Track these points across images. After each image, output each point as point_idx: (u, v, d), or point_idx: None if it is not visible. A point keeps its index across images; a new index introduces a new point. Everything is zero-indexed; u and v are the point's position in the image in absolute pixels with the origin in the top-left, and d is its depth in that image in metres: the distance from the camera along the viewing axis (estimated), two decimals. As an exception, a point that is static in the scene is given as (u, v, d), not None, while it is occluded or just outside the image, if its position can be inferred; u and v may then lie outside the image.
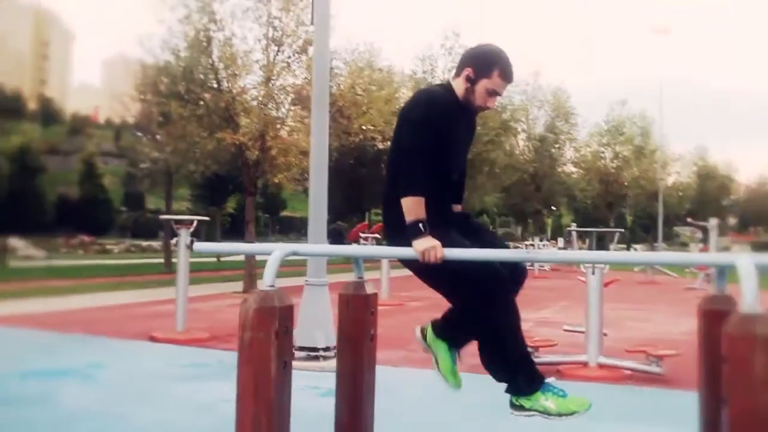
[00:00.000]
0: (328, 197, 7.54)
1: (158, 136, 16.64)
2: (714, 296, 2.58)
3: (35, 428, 4.82)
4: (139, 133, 21.57)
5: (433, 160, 2.78)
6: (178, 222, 8.90)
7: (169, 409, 5.44)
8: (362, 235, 13.46)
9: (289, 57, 15.20)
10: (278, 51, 14.95)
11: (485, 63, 2.80)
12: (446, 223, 2.82)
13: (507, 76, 2.83)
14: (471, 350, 3.16)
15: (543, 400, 2.77)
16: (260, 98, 14.51)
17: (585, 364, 7.05)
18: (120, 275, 19.64)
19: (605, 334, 7.29)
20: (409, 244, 2.67)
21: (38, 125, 77.55)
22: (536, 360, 7.07)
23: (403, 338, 9.30)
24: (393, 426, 2.93)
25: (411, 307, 13.49)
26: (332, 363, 5.82)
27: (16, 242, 32.29)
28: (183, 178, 21.22)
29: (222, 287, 15.64)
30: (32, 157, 46.67)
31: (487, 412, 5.81)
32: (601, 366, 7.00)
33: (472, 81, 2.80)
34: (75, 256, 31.42)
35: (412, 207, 2.68)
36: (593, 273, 7.19)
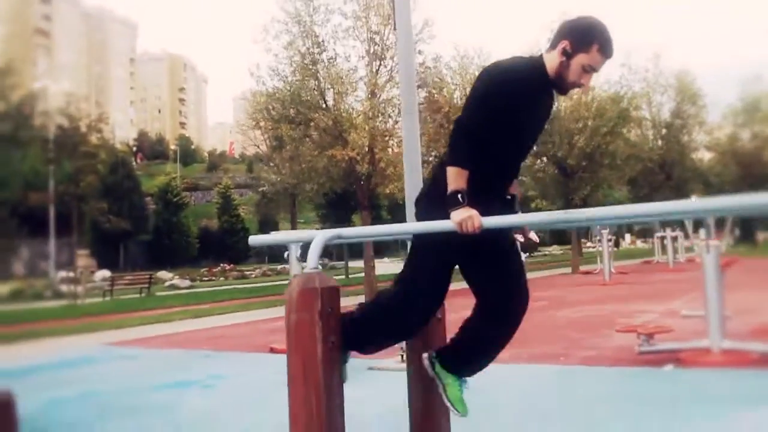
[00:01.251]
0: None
1: (274, 159, 17.35)
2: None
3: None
4: (270, 164, 22.59)
5: (488, 137, 2.68)
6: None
7: (278, 412, 5.65)
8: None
9: (392, 69, 15.43)
10: (380, 65, 15.23)
11: (584, 36, 2.61)
12: (485, 204, 2.71)
13: (607, 52, 2.62)
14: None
15: (452, 379, 2.93)
16: (366, 113, 14.81)
17: (707, 350, 6.61)
18: (253, 296, 20.58)
19: (728, 317, 6.80)
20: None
21: (179, 164, 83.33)
22: (651, 348, 6.76)
23: (516, 337, 9.17)
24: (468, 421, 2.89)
25: (532, 307, 13.15)
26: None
27: (163, 274, 34.73)
28: (306, 200, 21.97)
29: (346, 301, 16.00)
30: (174, 194, 50.11)
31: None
32: (725, 351, 6.52)
33: (568, 55, 2.62)
34: (216, 282, 33.23)
35: (454, 177, 2.62)
36: (708, 252, 6.76)
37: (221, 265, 43.13)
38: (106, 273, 34.70)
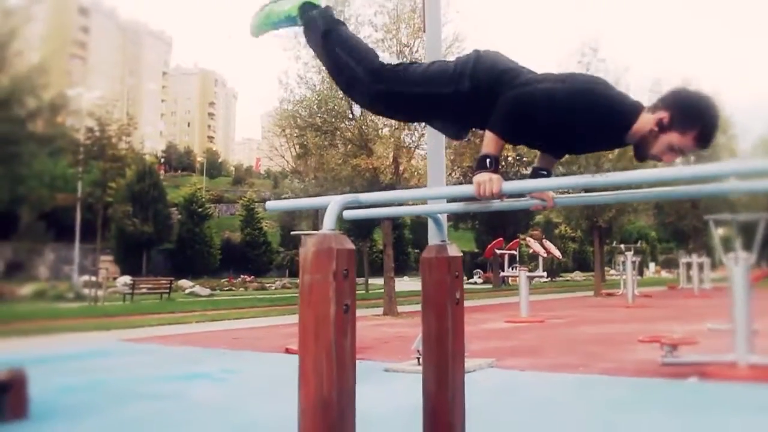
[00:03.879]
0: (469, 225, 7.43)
1: (298, 166, 17.41)
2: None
3: (165, 417, 5.15)
4: (295, 173, 22.60)
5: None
6: (308, 236, 9.19)
7: (287, 405, 5.57)
8: (497, 251, 13.21)
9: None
10: (409, 76, 15.24)
11: (687, 117, 2.28)
12: None
13: (703, 142, 2.29)
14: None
15: None
16: (392, 124, 14.79)
17: (733, 364, 6.41)
18: (273, 305, 20.56)
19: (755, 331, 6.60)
20: None
21: (205, 176, 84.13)
22: (675, 360, 6.58)
23: (537, 349, 9.02)
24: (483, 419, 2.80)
25: (552, 324, 13.02)
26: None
27: (184, 282, 34.86)
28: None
29: (364, 311, 15.89)
30: (199, 205, 50.41)
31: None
32: (752, 366, 6.33)
33: (662, 128, 2.30)
34: (236, 292, 33.29)
35: (490, 140, 2.49)
36: (736, 263, 6.59)
37: (242, 276, 43.24)
38: (127, 279, 34.95)
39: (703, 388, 6.04)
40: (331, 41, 2.78)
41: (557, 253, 13.66)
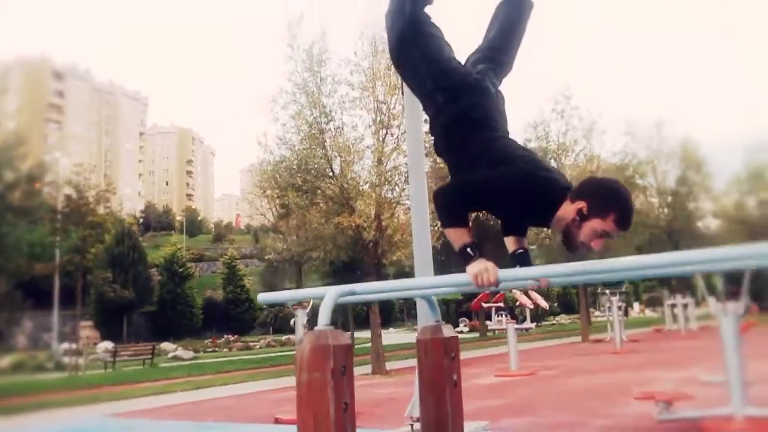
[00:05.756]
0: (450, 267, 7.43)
1: (280, 227, 17.39)
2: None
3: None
4: (277, 233, 22.59)
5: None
6: (295, 303, 9.09)
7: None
8: (484, 305, 13.18)
9: (399, 137, 15.57)
10: (387, 133, 15.38)
11: (603, 203, 2.45)
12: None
13: (623, 224, 2.47)
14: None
15: None
16: (373, 181, 14.86)
17: (730, 418, 6.36)
18: (258, 367, 20.23)
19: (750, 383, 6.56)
20: None
21: (185, 236, 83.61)
22: (672, 416, 6.52)
23: (529, 406, 8.90)
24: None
25: (543, 376, 12.91)
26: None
27: (167, 345, 34.27)
28: (312, 268, 21.90)
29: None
30: (180, 264, 49.97)
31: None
32: (749, 418, 6.27)
33: (582, 216, 2.47)
34: (219, 354, 32.76)
35: (457, 236, 2.58)
36: (726, 315, 6.59)
37: (225, 336, 42.64)
38: (108, 344, 34.29)
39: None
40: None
41: (543, 303, 13.65)
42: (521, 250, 2.93)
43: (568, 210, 2.51)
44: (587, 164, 21.82)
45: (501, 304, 13.19)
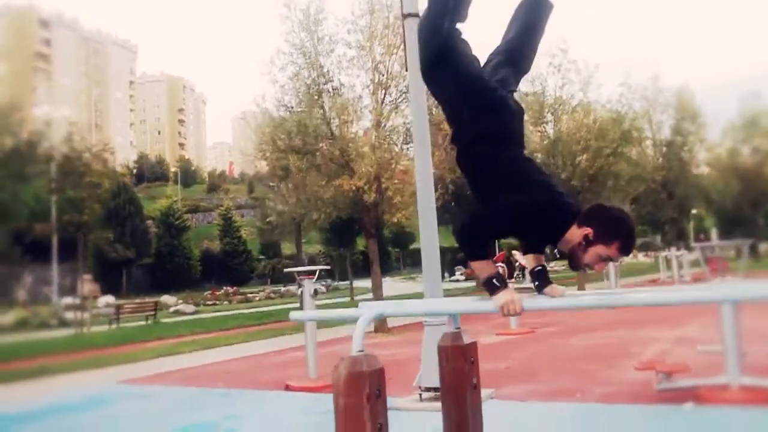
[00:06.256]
0: (452, 224, 7.59)
1: (281, 189, 17.48)
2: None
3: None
4: (271, 183, 22.63)
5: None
6: (301, 273, 9.28)
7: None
8: (498, 265, 13.38)
9: (397, 98, 15.54)
10: (386, 94, 15.34)
11: (609, 232, 2.66)
12: None
13: (625, 251, 2.69)
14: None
15: None
16: (373, 142, 14.89)
17: (725, 387, 6.62)
18: (260, 323, 20.58)
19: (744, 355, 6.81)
20: None
21: (180, 187, 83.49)
22: (670, 385, 6.79)
23: (530, 370, 9.19)
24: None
25: (543, 334, 13.23)
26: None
27: (167, 299, 34.70)
28: (311, 227, 22.10)
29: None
30: (176, 217, 50.14)
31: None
32: (744, 387, 6.54)
33: (588, 242, 2.67)
34: (220, 307, 33.21)
35: (482, 267, 2.73)
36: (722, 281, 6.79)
37: (224, 288, 43.13)
38: (110, 299, 34.68)
39: (699, 414, 6.24)
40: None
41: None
42: (539, 267, 3.08)
43: (575, 234, 2.69)
44: (584, 117, 21.82)
45: (502, 264, 13.40)
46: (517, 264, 14.59)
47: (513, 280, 14.32)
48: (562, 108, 20.64)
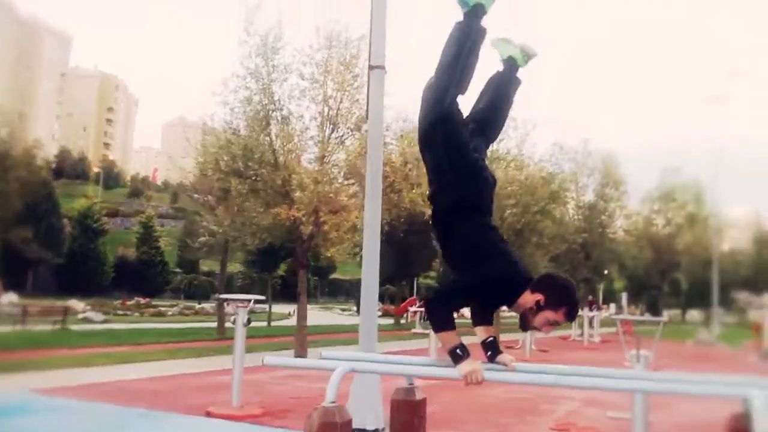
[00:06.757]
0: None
1: (216, 211, 17.41)
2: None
3: None
4: (196, 195, 22.38)
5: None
6: (236, 301, 9.35)
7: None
8: (410, 309, 13.73)
9: (344, 134, 15.86)
10: (333, 129, 15.63)
11: (557, 299, 3.01)
12: None
13: (571, 317, 3.08)
14: None
15: None
16: (315, 175, 15.11)
17: (632, 454, 7.09)
18: (175, 341, 20.19)
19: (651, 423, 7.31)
20: None
21: (100, 188, 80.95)
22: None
23: (455, 417, 9.49)
24: None
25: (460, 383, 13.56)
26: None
27: (75, 304, 33.42)
28: (238, 248, 21.99)
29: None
30: (95, 219, 48.53)
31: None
32: (649, 456, 7.02)
33: (539, 307, 3.00)
34: (131, 318, 32.27)
35: (447, 338, 3.03)
36: (638, 360, 7.30)
37: (136, 297, 41.89)
38: (13, 297, 33.12)
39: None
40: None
41: (467, 312, 14.34)
42: (491, 339, 3.42)
43: (527, 299, 3.04)
44: (516, 173, 22.67)
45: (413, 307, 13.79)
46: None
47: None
48: (497, 163, 21.39)
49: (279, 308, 33.77)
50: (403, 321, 33.45)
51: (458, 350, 3.00)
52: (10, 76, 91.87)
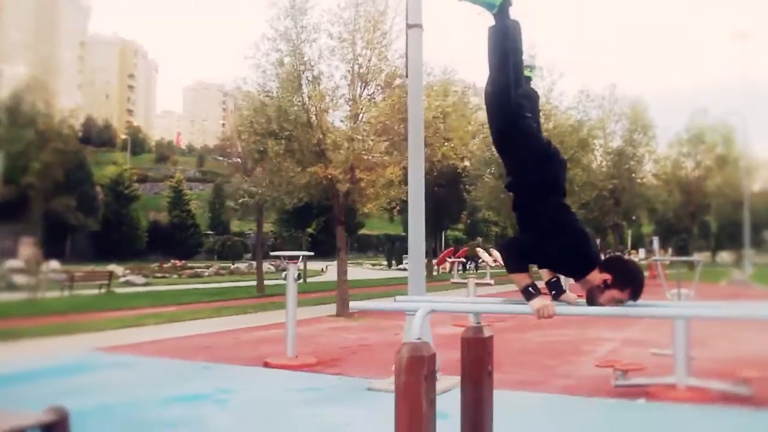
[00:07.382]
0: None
1: (255, 173, 17.77)
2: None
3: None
4: (220, 158, 22.79)
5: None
6: (286, 257, 9.78)
7: (298, 429, 6.21)
8: (449, 260, 14.07)
9: (374, 92, 16.04)
10: (364, 87, 15.82)
11: (625, 280, 3.21)
12: None
13: (635, 297, 3.27)
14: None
15: None
16: (349, 133, 15.35)
17: (673, 386, 7.45)
18: (217, 300, 20.86)
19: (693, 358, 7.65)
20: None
21: (128, 154, 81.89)
22: (625, 382, 7.59)
23: (498, 361, 9.90)
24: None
25: (499, 328, 13.96)
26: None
27: (115, 269, 34.38)
28: (279, 206, 22.45)
29: (315, 311, 16.47)
30: (126, 186, 49.42)
31: None
32: (690, 387, 7.37)
33: (606, 285, 3.23)
34: (170, 280, 33.13)
35: (520, 279, 3.34)
36: (679, 299, 7.60)
37: (171, 260, 42.89)
38: (55, 264, 34.13)
39: (650, 408, 7.03)
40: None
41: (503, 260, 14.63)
42: (555, 279, 3.71)
43: (596, 277, 3.30)
44: (545, 122, 22.69)
45: (463, 260, 14.12)
46: (481, 261, 15.33)
47: (475, 273, 15.12)
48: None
49: (311, 265, 34.40)
50: (434, 273, 34.02)
51: (530, 288, 3.31)
52: (33, 48, 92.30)
